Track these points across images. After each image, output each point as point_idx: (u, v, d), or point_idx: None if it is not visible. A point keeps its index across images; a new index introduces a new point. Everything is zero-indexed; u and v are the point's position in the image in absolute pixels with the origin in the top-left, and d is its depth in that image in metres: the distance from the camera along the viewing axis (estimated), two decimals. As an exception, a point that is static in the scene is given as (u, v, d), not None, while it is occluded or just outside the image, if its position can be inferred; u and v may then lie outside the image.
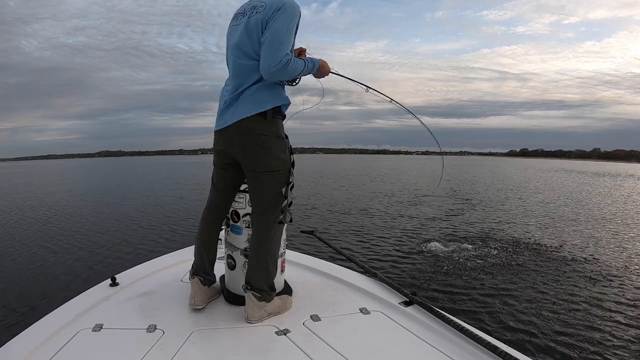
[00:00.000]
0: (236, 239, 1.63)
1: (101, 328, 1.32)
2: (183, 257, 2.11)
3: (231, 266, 1.64)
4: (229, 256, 1.65)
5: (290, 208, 1.53)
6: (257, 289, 1.45)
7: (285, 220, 1.53)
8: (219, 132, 1.49)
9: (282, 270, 1.68)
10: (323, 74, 1.56)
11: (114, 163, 74.43)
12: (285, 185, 1.49)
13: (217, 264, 1.68)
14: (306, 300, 1.61)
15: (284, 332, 1.33)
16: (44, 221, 7.81)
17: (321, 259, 2.13)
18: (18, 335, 1.24)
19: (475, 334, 1.24)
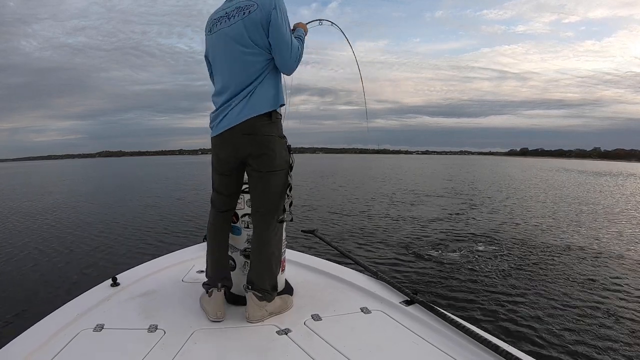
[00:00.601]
0: (236, 240, 1.63)
1: (102, 328, 1.32)
2: (184, 257, 2.11)
3: (231, 267, 1.64)
4: (229, 257, 1.65)
5: (290, 208, 1.54)
6: (260, 288, 1.45)
7: (286, 218, 1.53)
8: (222, 136, 1.45)
9: (283, 270, 1.68)
10: (306, 33, 1.65)
11: (114, 163, 74.42)
12: (285, 185, 1.50)
13: None
14: (307, 300, 1.61)
15: (285, 332, 1.33)
16: (44, 222, 7.80)
17: (322, 258, 2.13)
18: (19, 336, 1.24)
19: (477, 333, 1.23)
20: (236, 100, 1.41)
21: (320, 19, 1.80)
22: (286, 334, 1.31)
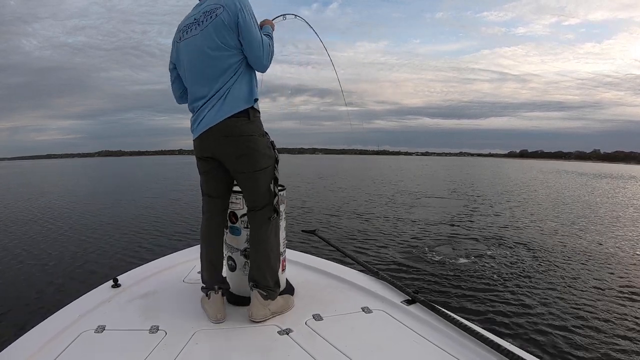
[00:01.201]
0: (235, 240, 1.63)
1: (103, 329, 1.32)
2: (184, 258, 2.11)
3: (231, 267, 1.64)
4: (229, 257, 1.65)
5: (276, 203, 1.54)
6: (264, 286, 1.46)
7: (274, 216, 1.53)
8: (201, 138, 1.47)
9: (283, 270, 1.68)
10: (273, 29, 1.65)
11: (114, 163, 74.35)
12: (272, 181, 1.52)
13: None
14: (308, 300, 1.61)
15: (287, 332, 1.33)
16: (44, 222, 7.79)
17: (323, 258, 2.13)
18: (20, 338, 1.24)
19: (478, 332, 1.23)
20: (212, 101, 1.42)
21: (284, 14, 1.80)
22: (287, 334, 1.31)
